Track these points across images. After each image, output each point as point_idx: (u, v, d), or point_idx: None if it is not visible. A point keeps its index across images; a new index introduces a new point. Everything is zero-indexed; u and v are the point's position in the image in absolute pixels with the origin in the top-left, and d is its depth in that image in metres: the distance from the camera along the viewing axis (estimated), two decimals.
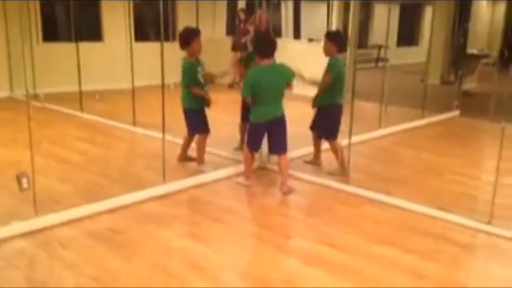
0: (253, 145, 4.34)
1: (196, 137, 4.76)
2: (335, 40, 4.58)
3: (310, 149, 5.05)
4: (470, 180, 4.76)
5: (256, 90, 4.10)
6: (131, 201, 3.90)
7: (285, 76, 4.18)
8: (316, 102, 4.63)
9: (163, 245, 3.29)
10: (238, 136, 5.39)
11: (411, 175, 4.84)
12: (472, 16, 10.77)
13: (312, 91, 4.64)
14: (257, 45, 4.32)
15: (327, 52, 4.59)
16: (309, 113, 4.76)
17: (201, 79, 4.60)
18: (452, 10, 10.63)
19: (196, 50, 4.56)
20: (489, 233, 3.54)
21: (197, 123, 4.69)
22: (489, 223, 3.58)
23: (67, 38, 8.36)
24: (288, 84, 4.18)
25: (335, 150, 4.67)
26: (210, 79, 4.73)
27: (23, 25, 7.72)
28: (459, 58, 10.11)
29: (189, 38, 4.52)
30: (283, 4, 14.36)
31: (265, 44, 4.19)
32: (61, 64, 8.07)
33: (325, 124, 4.65)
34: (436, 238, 3.46)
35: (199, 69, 4.60)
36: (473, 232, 3.57)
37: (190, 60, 4.55)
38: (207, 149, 4.82)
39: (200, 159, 4.74)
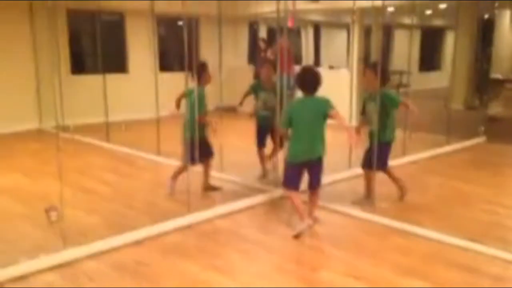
0: (292, 184, 4.03)
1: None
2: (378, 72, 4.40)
3: (337, 176, 5.01)
4: (501, 209, 4.64)
5: (294, 122, 3.94)
6: (156, 232, 3.91)
7: (323, 106, 3.90)
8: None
9: (188, 277, 3.27)
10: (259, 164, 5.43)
11: (439, 204, 4.75)
12: (495, 40, 10.70)
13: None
14: (298, 80, 4.05)
15: (369, 84, 4.49)
16: (333, 139, 4.73)
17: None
18: (474, 34, 10.59)
19: (208, 79, 4.83)
20: None
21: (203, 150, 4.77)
22: None
23: (94, 70, 8.60)
24: (330, 115, 3.88)
25: (393, 177, 4.66)
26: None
27: (52, 58, 7.96)
28: (483, 83, 10.02)
29: (204, 68, 4.80)
30: (303, 32, 14.53)
31: (307, 80, 3.99)
32: (88, 96, 8.28)
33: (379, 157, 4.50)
34: (467, 270, 3.36)
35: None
36: (505, 264, 3.47)
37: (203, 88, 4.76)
38: (231, 177, 4.83)
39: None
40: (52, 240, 3.61)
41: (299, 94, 4.23)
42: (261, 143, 5.61)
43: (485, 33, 10.55)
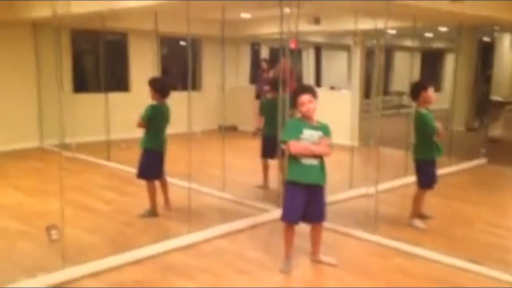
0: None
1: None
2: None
3: (340, 196, 5.02)
4: (502, 230, 4.62)
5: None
6: (156, 251, 3.89)
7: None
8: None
9: None
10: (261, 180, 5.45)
11: (441, 225, 4.73)
12: (495, 63, 10.79)
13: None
14: (293, 98, 3.78)
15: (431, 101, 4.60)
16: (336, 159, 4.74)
17: None
18: (474, 57, 10.69)
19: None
20: None
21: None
22: None
23: (97, 89, 8.66)
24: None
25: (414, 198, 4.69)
26: None
27: (55, 76, 8.02)
28: (483, 105, 10.06)
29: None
30: (304, 53, 14.66)
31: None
32: (90, 114, 8.32)
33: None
34: None
35: None
36: (507, 286, 3.44)
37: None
38: (232, 197, 4.82)
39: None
40: (52, 258, 3.59)
41: None
42: (265, 154, 5.72)
43: (485, 55, 10.65)
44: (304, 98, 3.55)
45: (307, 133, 3.52)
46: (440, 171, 6.69)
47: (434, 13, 6.04)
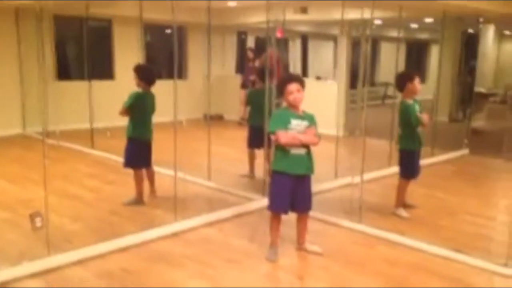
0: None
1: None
2: None
3: (325, 185, 5.04)
4: (485, 220, 4.70)
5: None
6: (142, 239, 3.88)
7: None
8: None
9: (175, 286, 3.24)
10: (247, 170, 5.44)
11: (424, 214, 4.79)
12: (479, 55, 10.90)
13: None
14: (279, 88, 3.74)
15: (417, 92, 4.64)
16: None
17: None
18: (458, 48, 10.78)
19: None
20: (505, 276, 3.47)
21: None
22: (505, 265, 3.52)
23: (80, 77, 8.54)
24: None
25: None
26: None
27: (38, 63, 7.88)
28: (466, 96, 10.17)
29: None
30: (290, 43, 14.63)
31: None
32: (73, 102, 8.20)
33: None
34: (452, 280, 3.40)
35: None
36: (489, 274, 3.51)
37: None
38: (219, 186, 4.82)
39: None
40: (36, 246, 3.55)
41: None
42: (252, 144, 5.74)
43: (469, 47, 10.74)
44: (292, 87, 3.54)
45: (294, 122, 3.52)
46: (424, 162, 6.77)
47: (420, 4, 6.06)
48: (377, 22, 9.84)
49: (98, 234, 3.96)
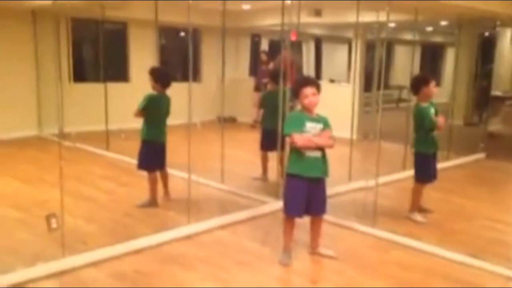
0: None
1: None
2: None
3: (339, 189, 5.02)
4: (501, 225, 4.63)
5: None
6: (156, 241, 3.89)
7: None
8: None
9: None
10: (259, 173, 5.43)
11: (440, 219, 4.73)
12: (496, 58, 10.77)
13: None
14: (294, 90, 3.71)
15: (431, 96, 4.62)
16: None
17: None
18: (475, 51, 10.65)
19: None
20: None
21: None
22: None
23: (96, 79, 8.62)
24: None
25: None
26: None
27: (54, 65, 7.99)
28: (482, 100, 10.04)
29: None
30: (304, 46, 14.60)
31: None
32: (89, 104, 8.28)
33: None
34: (467, 286, 3.35)
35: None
36: (507, 281, 3.45)
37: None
38: (232, 188, 4.82)
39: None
40: (51, 248, 3.58)
41: None
42: (265, 147, 5.74)
43: (486, 50, 10.60)
44: (308, 90, 3.52)
45: (309, 125, 3.51)
46: (439, 166, 6.75)
47: (437, 6, 6.00)
48: (391, 25, 9.76)
49: (112, 236, 3.98)
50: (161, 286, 3.26)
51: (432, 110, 4.56)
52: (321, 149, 3.56)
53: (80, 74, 9.34)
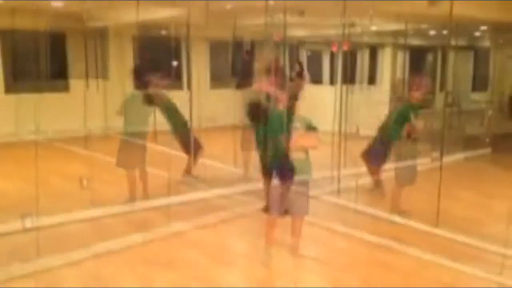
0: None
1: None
2: None
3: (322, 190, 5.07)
4: (482, 227, 4.64)
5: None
6: (137, 241, 3.83)
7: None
8: None
9: None
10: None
11: (421, 220, 4.71)
12: None
13: None
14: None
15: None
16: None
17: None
18: None
19: None
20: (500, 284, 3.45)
21: None
22: (500, 273, 3.50)
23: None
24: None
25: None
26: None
27: None
28: None
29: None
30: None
31: None
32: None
33: None
34: (445, 285, 3.37)
35: None
36: (488, 284, 3.45)
37: None
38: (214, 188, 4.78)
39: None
40: (27, 247, 3.50)
41: None
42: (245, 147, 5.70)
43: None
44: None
45: (294, 126, 3.51)
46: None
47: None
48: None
49: (91, 235, 3.91)
50: (141, 286, 3.20)
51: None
52: (305, 150, 3.56)
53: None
